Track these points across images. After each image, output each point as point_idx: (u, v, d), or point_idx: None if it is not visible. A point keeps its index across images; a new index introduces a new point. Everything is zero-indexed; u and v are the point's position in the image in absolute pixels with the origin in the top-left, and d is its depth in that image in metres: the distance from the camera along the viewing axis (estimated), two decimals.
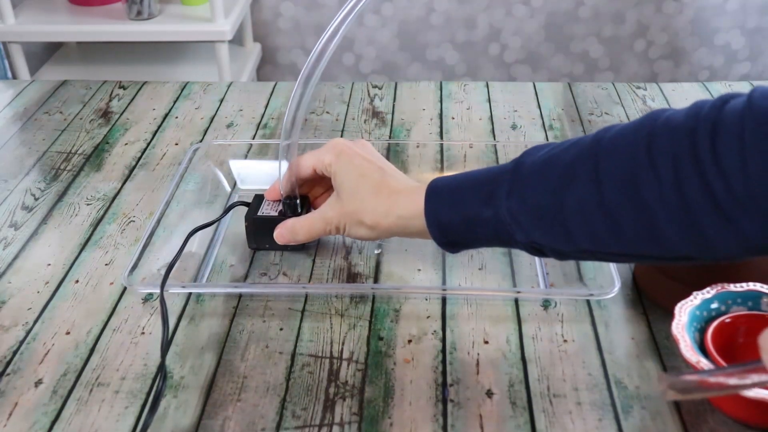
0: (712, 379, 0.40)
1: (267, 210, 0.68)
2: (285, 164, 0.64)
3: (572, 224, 0.50)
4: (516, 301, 0.63)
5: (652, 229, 0.47)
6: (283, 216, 0.67)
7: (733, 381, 0.39)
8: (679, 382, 0.40)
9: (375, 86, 1.00)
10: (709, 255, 0.47)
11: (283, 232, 0.65)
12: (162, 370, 0.55)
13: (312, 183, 0.68)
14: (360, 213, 0.60)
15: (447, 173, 0.79)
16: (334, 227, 0.63)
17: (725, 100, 0.45)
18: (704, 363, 0.50)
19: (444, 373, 0.56)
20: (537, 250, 0.53)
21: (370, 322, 0.61)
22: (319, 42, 0.59)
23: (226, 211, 0.70)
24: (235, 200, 0.71)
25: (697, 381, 0.40)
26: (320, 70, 0.60)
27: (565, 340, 0.59)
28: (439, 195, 0.57)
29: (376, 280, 0.66)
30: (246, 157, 0.83)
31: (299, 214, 0.67)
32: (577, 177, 0.49)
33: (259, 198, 0.69)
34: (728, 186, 0.43)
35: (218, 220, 0.70)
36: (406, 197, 0.59)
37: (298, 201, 0.67)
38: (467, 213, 0.54)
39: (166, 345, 0.56)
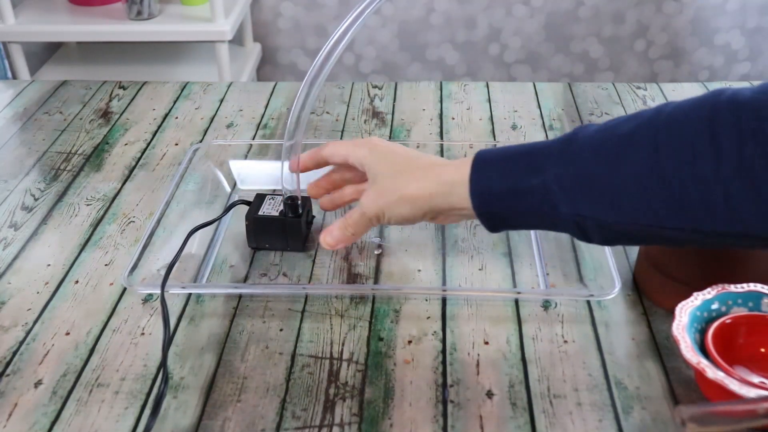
0: (741, 407, 0.37)
1: (268, 210, 0.68)
2: (287, 164, 0.64)
3: (625, 194, 0.49)
4: (516, 301, 0.63)
5: (709, 203, 0.46)
6: (283, 216, 0.67)
7: (763, 408, 0.36)
8: (701, 414, 0.37)
9: (375, 86, 0.99)
10: (763, 229, 0.46)
11: (328, 239, 0.63)
12: (164, 372, 0.54)
13: (340, 171, 0.68)
14: (402, 187, 0.59)
15: None
16: (374, 216, 0.60)
17: None
18: (705, 363, 0.50)
19: (444, 373, 0.56)
20: (579, 226, 0.51)
21: (370, 322, 0.61)
22: (327, 44, 0.59)
23: (227, 210, 0.71)
24: (236, 199, 0.71)
25: (722, 410, 0.37)
26: (326, 72, 0.60)
27: (566, 341, 0.59)
28: (485, 164, 0.55)
29: (376, 280, 0.66)
30: (246, 157, 0.83)
31: (299, 215, 0.67)
32: (634, 147, 0.48)
33: (260, 197, 0.69)
34: None
35: (219, 218, 0.70)
36: (450, 166, 0.58)
37: (299, 201, 0.67)
38: (513, 182, 0.53)
39: (166, 345, 0.56)
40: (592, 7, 2.00)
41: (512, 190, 0.53)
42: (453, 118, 0.91)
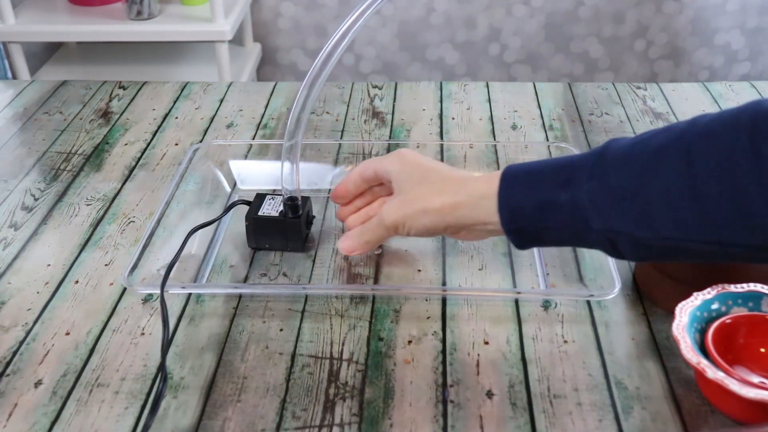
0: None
1: (268, 210, 0.68)
2: (288, 165, 0.64)
3: (657, 207, 0.48)
4: (516, 301, 0.63)
5: (746, 214, 0.45)
6: (283, 217, 0.67)
7: None
8: None
9: (375, 86, 0.99)
10: None
11: (343, 244, 0.64)
12: (162, 372, 0.54)
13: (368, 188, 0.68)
14: (424, 199, 0.58)
15: None
16: (393, 224, 0.60)
17: None
18: (705, 363, 0.50)
19: (444, 373, 0.56)
20: (611, 242, 0.51)
21: (370, 322, 0.61)
22: (327, 44, 0.58)
23: (227, 209, 0.71)
24: (236, 199, 0.71)
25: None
26: (327, 72, 0.59)
27: (566, 341, 0.59)
28: (514, 178, 0.54)
29: (376, 280, 0.66)
30: (246, 157, 0.83)
31: (299, 216, 0.67)
32: (667, 159, 0.47)
33: (260, 197, 0.69)
34: None
35: (219, 218, 0.70)
36: (477, 180, 0.57)
37: (299, 201, 0.67)
38: (543, 197, 0.52)
39: (166, 346, 0.56)
40: (592, 7, 2.00)
41: (542, 205, 0.52)
42: (453, 118, 0.91)
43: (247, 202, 0.69)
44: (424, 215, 0.58)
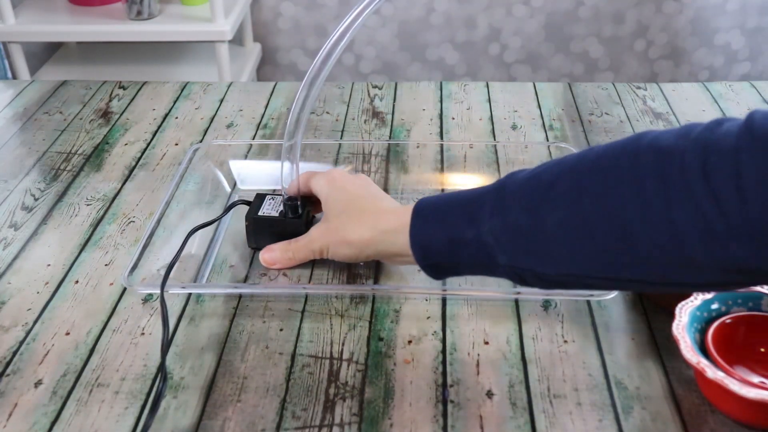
0: None
1: (268, 210, 0.68)
2: (288, 165, 0.64)
3: (554, 244, 0.48)
4: (516, 301, 0.63)
5: (637, 253, 0.45)
6: (283, 217, 0.67)
7: None
8: None
9: (375, 86, 0.99)
10: (695, 281, 0.46)
11: (266, 256, 0.66)
12: (162, 372, 0.54)
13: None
14: (344, 229, 0.61)
15: (447, 173, 0.80)
16: (318, 249, 0.64)
17: (720, 122, 0.43)
18: (705, 363, 0.50)
19: (444, 373, 0.56)
20: (519, 275, 0.52)
21: (370, 322, 0.61)
22: (326, 44, 0.58)
23: (227, 209, 0.71)
24: (236, 199, 0.71)
25: None
26: (326, 72, 0.60)
27: (566, 341, 0.59)
28: (425, 214, 0.56)
29: (376, 280, 0.66)
30: (246, 157, 0.83)
31: (299, 216, 0.67)
32: (558, 196, 0.48)
33: (260, 197, 0.69)
34: (720, 208, 0.41)
35: (219, 218, 0.70)
36: (392, 214, 0.59)
37: (299, 202, 0.67)
38: (451, 233, 0.53)
39: (166, 346, 0.56)
40: (592, 7, 2.00)
41: (450, 242, 0.54)
42: (453, 118, 0.91)
43: (247, 202, 0.69)
44: (344, 246, 0.62)
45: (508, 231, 0.50)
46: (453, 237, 0.53)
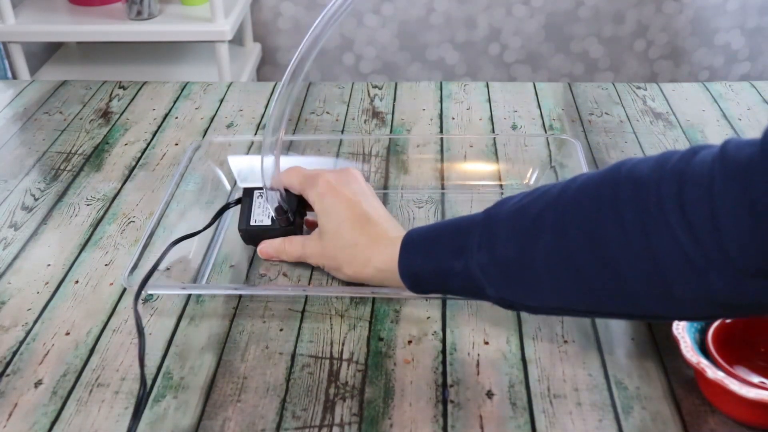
0: None
1: (259, 215, 0.67)
2: (269, 161, 0.62)
3: (539, 280, 0.48)
4: None
5: (619, 285, 0.45)
6: (274, 223, 0.66)
7: None
8: None
9: (375, 86, 0.99)
10: (677, 313, 0.46)
11: (267, 251, 0.67)
12: (142, 380, 0.53)
13: None
14: (339, 262, 0.62)
15: (446, 173, 0.80)
16: (315, 264, 0.65)
17: (695, 151, 0.43)
18: (705, 363, 0.50)
19: (444, 373, 0.56)
20: (509, 305, 0.53)
21: (370, 322, 0.61)
22: (305, 39, 0.56)
23: (215, 218, 0.69)
24: (225, 203, 0.70)
25: None
26: (307, 66, 0.57)
27: (566, 341, 0.59)
28: (413, 246, 0.57)
29: None
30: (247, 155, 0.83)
31: (292, 223, 0.67)
32: (544, 230, 0.48)
33: (248, 195, 0.68)
34: (696, 239, 0.41)
35: (207, 227, 0.68)
36: (384, 248, 0.59)
37: (288, 212, 0.66)
38: (439, 265, 0.54)
39: (142, 352, 0.55)
40: (592, 7, 2.00)
41: (438, 272, 0.54)
42: (453, 118, 0.91)
43: (237, 202, 0.69)
44: (339, 273, 0.63)
45: (495, 265, 0.51)
46: (441, 269, 0.54)
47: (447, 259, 0.53)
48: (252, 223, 0.67)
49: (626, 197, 0.44)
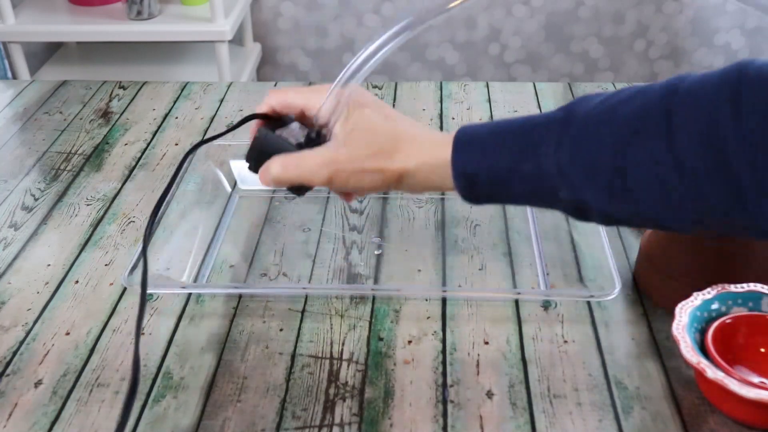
0: None
1: (287, 134, 0.56)
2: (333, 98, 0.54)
3: (637, 182, 0.44)
4: (516, 301, 0.63)
5: (737, 195, 0.41)
6: (299, 147, 0.56)
7: None
8: None
9: (375, 86, 0.99)
10: None
11: (273, 170, 0.55)
12: (133, 370, 0.49)
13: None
14: (372, 156, 0.52)
15: None
16: (326, 176, 0.53)
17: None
18: (705, 363, 0.50)
19: (444, 373, 0.56)
20: (581, 210, 0.47)
21: (370, 322, 0.61)
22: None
23: (244, 120, 0.58)
24: (254, 112, 0.58)
25: None
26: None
27: (566, 341, 0.59)
28: (470, 143, 0.50)
29: (376, 280, 0.66)
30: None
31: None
32: (645, 131, 0.43)
33: (285, 120, 0.57)
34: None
35: (231, 130, 0.59)
36: (431, 143, 0.52)
37: (325, 136, 0.55)
38: (504, 165, 0.48)
39: (137, 339, 0.49)
40: (592, 7, 2.00)
41: (502, 173, 0.48)
42: (453, 118, 0.91)
43: (267, 117, 0.58)
44: (367, 174, 0.53)
45: (580, 167, 0.45)
46: (506, 169, 0.48)
47: (514, 159, 0.48)
48: (277, 132, 0.56)
49: (751, 99, 0.40)
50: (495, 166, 0.49)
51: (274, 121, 0.58)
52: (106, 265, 0.68)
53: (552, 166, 0.47)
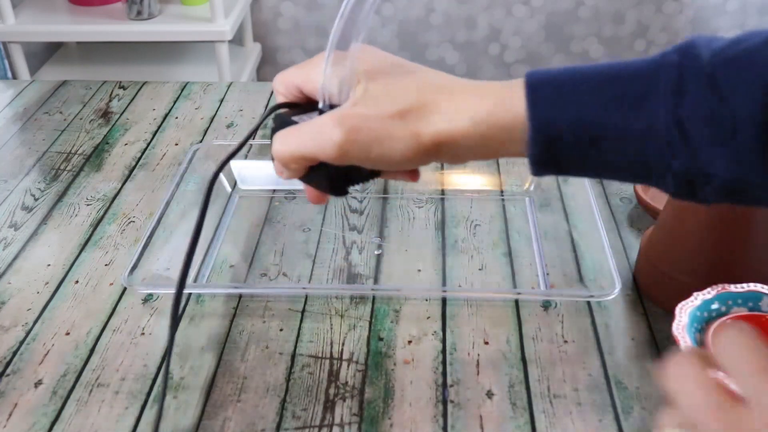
0: None
1: (306, 119, 0.46)
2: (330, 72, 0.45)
3: None
4: (516, 301, 0.63)
5: None
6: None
7: None
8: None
9: None
10: None
11: (289, 137, 0.44)
12: (166, 368, 0.52)
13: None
14: (399, 117, 0.40)
15: (446, 176, 0.79)
16: (342, 135, 0.41)
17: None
18: None
19: (444, 373, 0.56)
20: (693, 185, 0.37)
21: (370, 322, 0.61)
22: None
23: (271, 111, 0.49)
24: (280, 102, 0.50)
25: None
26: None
27: (566, 341, 0.59)
28: (551, 92, 0.38)
29: (376, 280, 0.66)
30: (246, 157, 0.83)
31: None
32: None
33: (313, 102, 0.48)
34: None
35: (262, 121, 0.49)
36: (481, 95, 0.40)
37: None
38: (599, 121, 0.37)
39: (174, 328, 0.48)
40: (592, 7, 2.00)
41: (596, 131, 0.37)
42: None
43: (295, 105, 0.49)
44: (402, 141, 0.40)
45: (714, 123, 0.35)
46: (605, 127, 0.37)
47: (618, 115, 0.37)
48: (293, 118, 0.47)
49: None
50: (586, 120, 0.37)
51: (300, 107, 0.49)
52: (106, 265, 0.68)
53: (671, 124, 0.36)
